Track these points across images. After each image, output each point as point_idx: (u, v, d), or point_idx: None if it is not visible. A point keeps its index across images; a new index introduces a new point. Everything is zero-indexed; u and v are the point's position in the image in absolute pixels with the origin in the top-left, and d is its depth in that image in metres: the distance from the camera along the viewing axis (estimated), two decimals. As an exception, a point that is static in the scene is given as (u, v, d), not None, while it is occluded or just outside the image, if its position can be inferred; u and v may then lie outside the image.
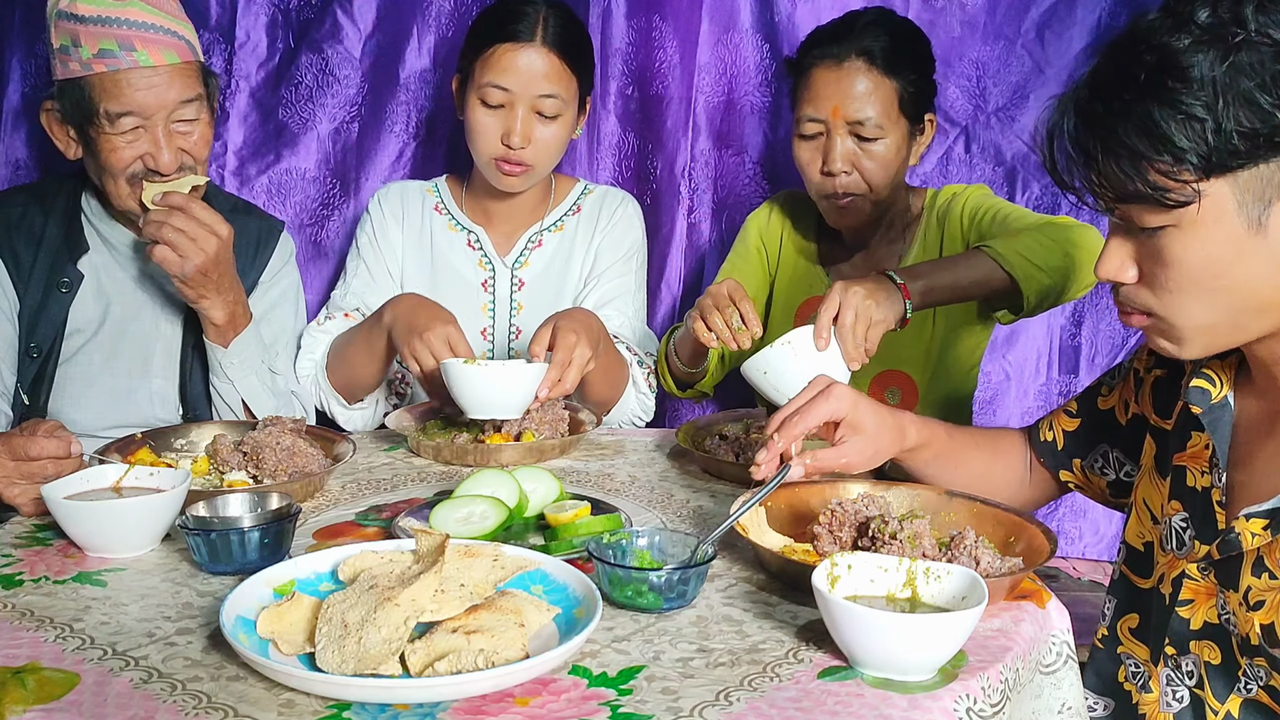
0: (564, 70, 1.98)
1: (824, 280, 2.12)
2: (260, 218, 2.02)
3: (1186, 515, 1.21)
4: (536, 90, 1.96)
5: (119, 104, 1.68)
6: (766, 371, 1.61)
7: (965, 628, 1.02)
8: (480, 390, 1.67)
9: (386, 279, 2.14)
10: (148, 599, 1.18)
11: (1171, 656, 1.22)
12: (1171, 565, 1.22)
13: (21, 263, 1.81)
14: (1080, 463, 1.45)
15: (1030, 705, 1.15)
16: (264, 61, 2.31)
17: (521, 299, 2.14)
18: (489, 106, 1.97)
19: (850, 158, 1.92)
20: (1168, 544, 1.23)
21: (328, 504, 1.51)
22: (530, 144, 1.98)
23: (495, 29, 1.98)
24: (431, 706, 0.95)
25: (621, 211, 2.18)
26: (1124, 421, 1.39)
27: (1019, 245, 1.74)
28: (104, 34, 1.66)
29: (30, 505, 1.40)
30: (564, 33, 1.98)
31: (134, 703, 0.96)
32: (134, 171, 1.74)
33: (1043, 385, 2.50)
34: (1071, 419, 1.46)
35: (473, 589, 1.09)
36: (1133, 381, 1.38)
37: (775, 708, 0.97)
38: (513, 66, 1.95)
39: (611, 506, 1.44)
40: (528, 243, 2.15)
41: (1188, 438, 1.23)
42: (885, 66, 1.90)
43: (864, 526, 1.25)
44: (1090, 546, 2.54)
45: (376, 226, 2.15)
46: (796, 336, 1.60)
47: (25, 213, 1.84)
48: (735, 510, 1.30)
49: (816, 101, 1.92)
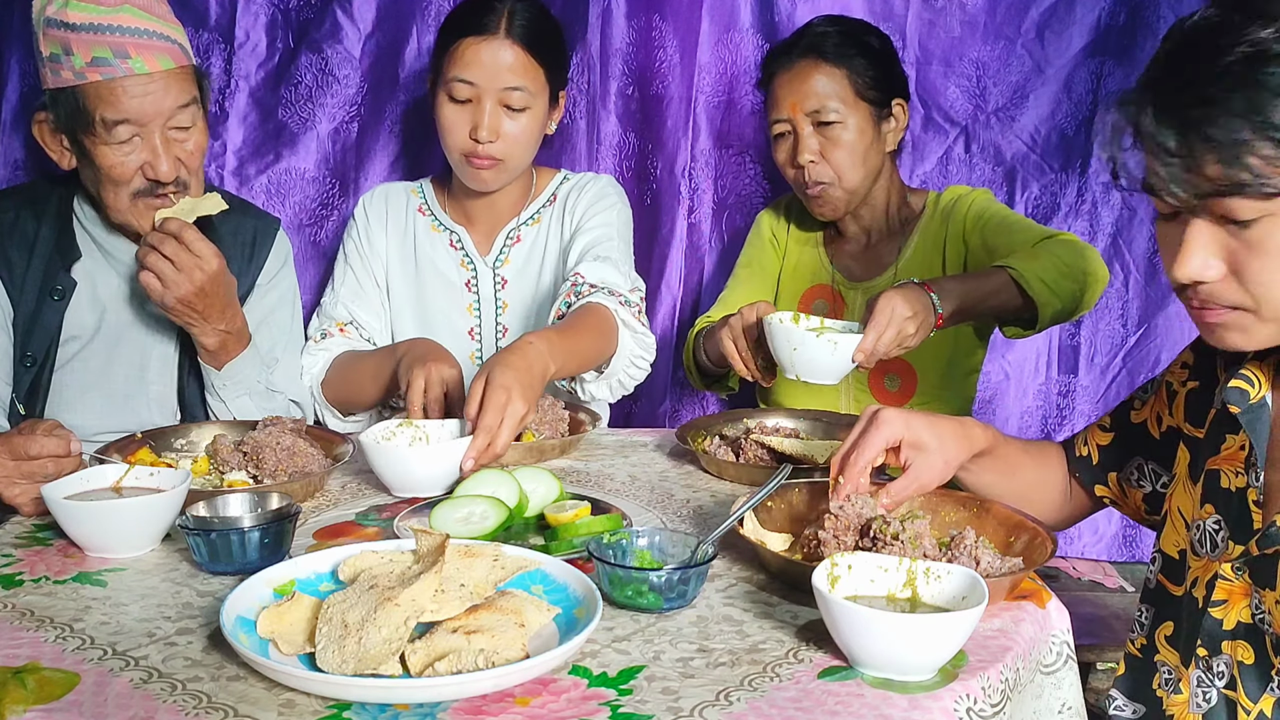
0: (530, 62, 1.96)
1: (829, 269, 2.18)
2: (255, 216, 2.01)
3: (1219, 517, 1.20)
4: (502, 83, 1.94)
5: (115, 111, 1.66)
6: (797, 349, 1.68)
7: (965, 628, 1.02)
8: (399, 470, 1.52)
9: (374, 287, 2.14)
10: (148, 599, 1.18)
11: (1203, 658, 1.20)
12: (1205, 568, 1.21)
13: (15, 270, 1.79)
14: (1116, 476, 1.43)
15: (1031, 705, 1.15)
16: (263, 61, 2.31)
17: (506, 297, 2.14)
18: (456, 101, 1.96)
19: (816, 148, 2.02)
20: (1201, 547, 1.22)
21: (328, 504, 1.51)
22: (499, 138, 1.96)
23: (461, 23, 1.97)
24: (431, 706, 0.95)
25: (594, 185, 2.15)
26: (1158, 435, 1.38)
27: (1039, 269, 1.79)
28: (97, 41, 1.64)
29: (30, 505, 1.40)
30: (530, 25, 1.96)
31: (134, 703, 0.96)
32: (137, 187, 1.73)
33: (1042, 385, 2.50)
34: (1105, 433, 1.45)
35: (473, 589, 1.09)
36: (1165, 394, 1.37)
37: (775, 708, 0.97)
38: (477, 60, 1.94)
39: (611, 506, 1.44)
40: (506, 239, 2.14)
41: (1221, 440, 1.23)
42: (835, 57, 2.01)
43: (865, 527, 1.25)
44: (1090, 546, 2.54)
45: (361, 232, 2.15)
46: (844, 342, 1.66)
47: (18, 218, 1.81)
48: (735, 510, 1.31)
49: (778, 105, 2.05)
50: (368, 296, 2.12)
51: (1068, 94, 2.40)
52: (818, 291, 2.20)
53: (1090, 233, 2.43)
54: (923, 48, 2.40)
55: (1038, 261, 1.80)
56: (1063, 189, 2.44)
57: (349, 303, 2.11)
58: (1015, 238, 1.94)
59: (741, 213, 2.41)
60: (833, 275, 2.17)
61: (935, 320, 1.72)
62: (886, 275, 2.11)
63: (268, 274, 1.98)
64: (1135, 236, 2.45)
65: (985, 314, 1.83)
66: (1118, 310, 2.48)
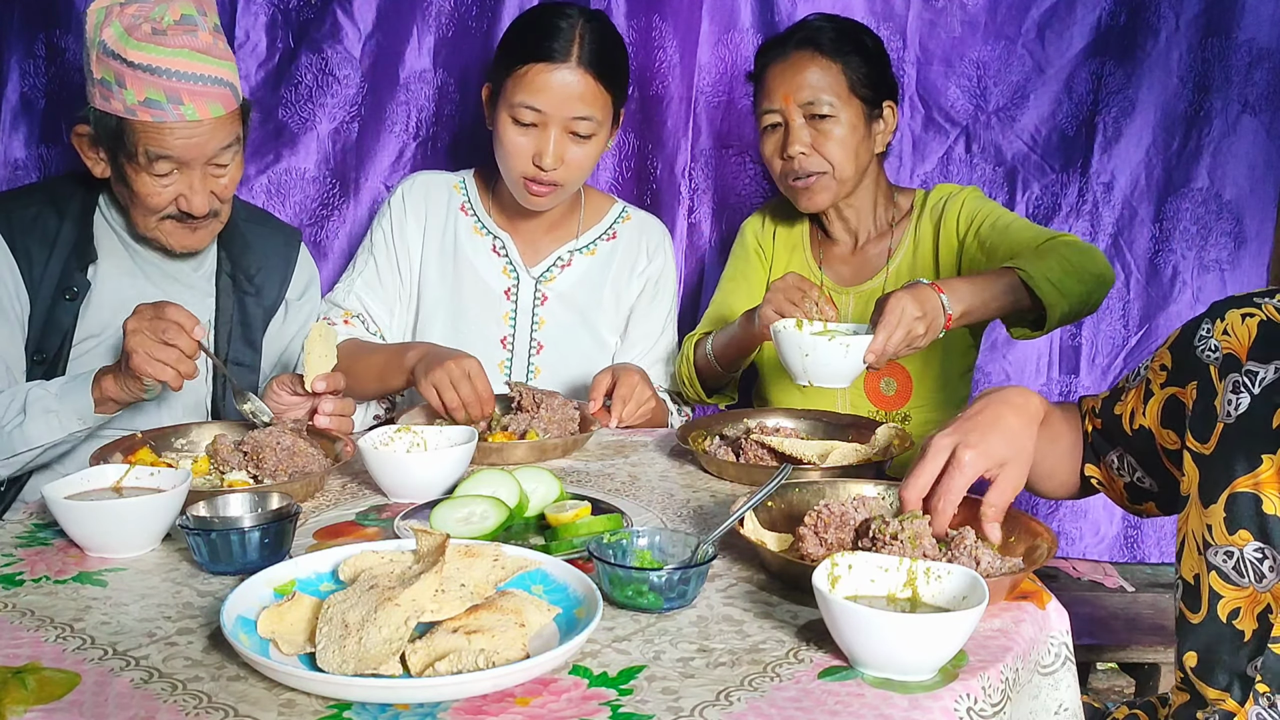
0: (599, 91, 1.92)
1: (818, 275, 2.15)
2: (278, 228, 2.03)
3: (1261, 545, 1.15)
4: (571, 112, 1.91)
5: (160, 149, 1.68)
6: (808, 355, 1.67)
7: (965, 628, 1.02)
8: (397, 475, 1.52)
9: (394, 281, 2.10)
10: (148, 599, 1.18)
11: (1265, 694, 1.15)
12: (1252, 599, 1.16)
13: (34, 265, 1.79)
14: (1103, 460, 1.42)
15: (1028, 706, 1.15)
16: (264, 61, 2.31)
17: (544, 314, 2.10)
18: (521, 125, 1.92)
19: (807, 140, 2.00)
20: (1243, 576, 1.16)
21: (328, 504, 1.51)
22: (562, 164, 1.94)
23: (530, 46, 1.91)
24: (432, 706, 0.95)
25: (660, 250, 2.16)
26: (1130, 431, 1.36)
27: (1048, 270, 1.77)
28: (151, 83, 1.64)
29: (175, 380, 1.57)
30: (600, 50, 1.92)
31: (134, 703, 0.96)
32: (168, 214, 1.75)
33: (1043, 385, 2.50)
34: (1096, 418, 1.43)
35: (473, 589, 1.09)
36: (1143, 391, 1.34)
37: (775, 708, 0.97)
38: (546, 87, 1.89)
39: (612, 506, 1.44)
40: (556, 260, 2.11)
41: (1254, 462, 1.16)
42: (831, 51, 2.00)
43: (864, 527, 1.25)
44: (1090, 547, 2.54)
45: (395, 223, 2.11)
46: (856, 344, 1.65)
47: (40, 214, 1.82)
48: (735, 510, 1.31)
49: (770, 95, 2.02)
50: (385, 289, 2.10)
51: (1068, 94, 2.41)
52: None
53: (1091, 233, 2.44)
54: (923, 48, 2.40)
55: (1045, 262, 1.79)
56: (1063, 189, 2.44)
57: (363, 293, 2.08)
58: (1016, 238, 1.92)
59: (742, 213, 2.41)
60: (821, 280, 2.15)
61: (945, 321, 1.70)
62: (877, 279, 2.10)
63: (296, 289, 2.01)
64: (1136, 237, 2.46)
65: (993, 315, 1.82)
66: (1119, 311, 2.48)
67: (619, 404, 1.85)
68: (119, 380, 1.62)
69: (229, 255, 1.93)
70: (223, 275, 1.92)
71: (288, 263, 1.99)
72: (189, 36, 1.66)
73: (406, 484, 1.51)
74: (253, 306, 1.95)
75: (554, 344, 2.10)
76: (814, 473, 1.56)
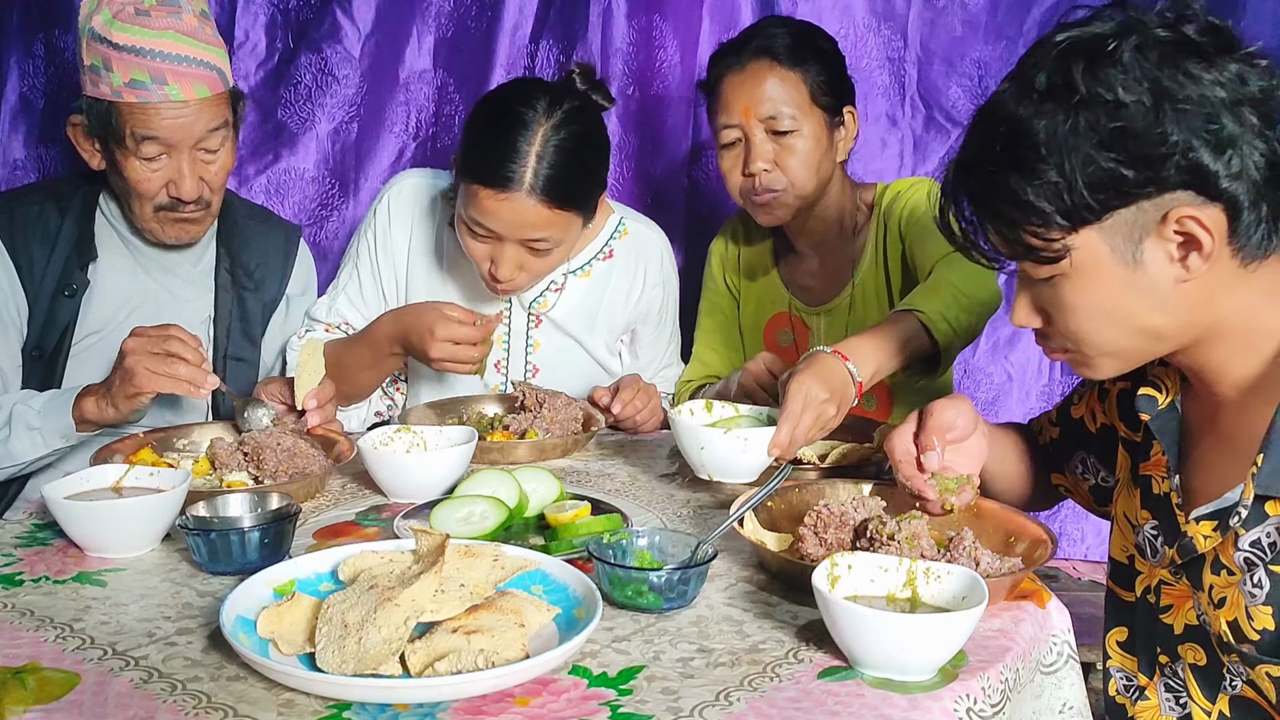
0: (554, 216, 1.77)
1: (785, 295, 2.10)
2: (278, 224, 2.04)
3: (1156, 523, 1.23)
4: (524, 235, 1.78)
5: (146, 130, 1.69)
6: (704, 448, 1.49)
7: (965, 628, 1.02)
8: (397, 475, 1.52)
9: (377, 298, 2.02)
10: (148, 599, 1.18)
11: (1166, 665, 1.22)
12: (1151, 574, 1.24)
13: (35, 265, 1.80)
14: (1065, 468, 1.47)
15: (1031, 705, 1.15)
16: (263, 61, 2.31)
17: (539, 337, 2.03)
18: (475, 235, 1.81)
19: (770, 155, 1.91)
20: (1145, 553, 1.24)
21: (328, 504, 1.51)
22: (522, 270, 1.83)
23: (479, 167, 1.76)
24: (431, 706, 0.95)
25: (659, 271, 2.09)
26: (1094, 430, 1.41)
27: (942, 307, 1.65)
28: (136, 64, 1.66)
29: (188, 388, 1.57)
30: (557, 173, 1.74)
31: (134, 703, 0.96)
32: (160, 202, 1.76)
33: (1045, 386, 2.49)
34: (1053, 426, 1.48)
35: (473, 589, 1.09)
36: (1098, 392, 1.40)
37: (775, 708, 0.97)
38: (496, 213, 1.75)
39: (611, 506, 1.44)
40: (549, 283, 2.01)
41: (1150, 447, 1.25)
42: (789, 60, 1.90)
43: (862, 527, 1.25)
44: (1093, 548, 2.53)
45: (380, 234, 2.00)
46: (754, 436, 1.47)
47: (42, 211, 1.83)
48: (735, 510, 1.31)
49: (729, 109, 1.92)
50: (367, 302, 2.02)
51: (1068, 94, 2.40)
52: (779, 321, 2.12)
53: (1091, 232, 2.43)
54: (924, 47, 2.40)
55: (939, 298, 1.65)
56: (1063, 189, 2.43)
57: (344, 310, 2.01)
58: (928, 250, 1.82)
59: (741, 213, 2.41)
60: (790, 302, 2.08)
61: (855, 391, 1.52)
62: (844, 296, 2.03)
63: (297, 285, 2.00)
64: (1135, 236, 2.45)
65: (900, 366, 1.62)
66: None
67: (625, 392, 1.83)
68: (101, 403, 1.60)
69: (228, 251, 1.93)
70: (222, 271, 1.92)
71: (287, 258, 1.99)
72: (173, 19, 1.69)
73: (406, 484, 1.51)
74: (252, 302, 1.95)
75: (550, 368, 2.04)
76: (814, 473, 1.56)
